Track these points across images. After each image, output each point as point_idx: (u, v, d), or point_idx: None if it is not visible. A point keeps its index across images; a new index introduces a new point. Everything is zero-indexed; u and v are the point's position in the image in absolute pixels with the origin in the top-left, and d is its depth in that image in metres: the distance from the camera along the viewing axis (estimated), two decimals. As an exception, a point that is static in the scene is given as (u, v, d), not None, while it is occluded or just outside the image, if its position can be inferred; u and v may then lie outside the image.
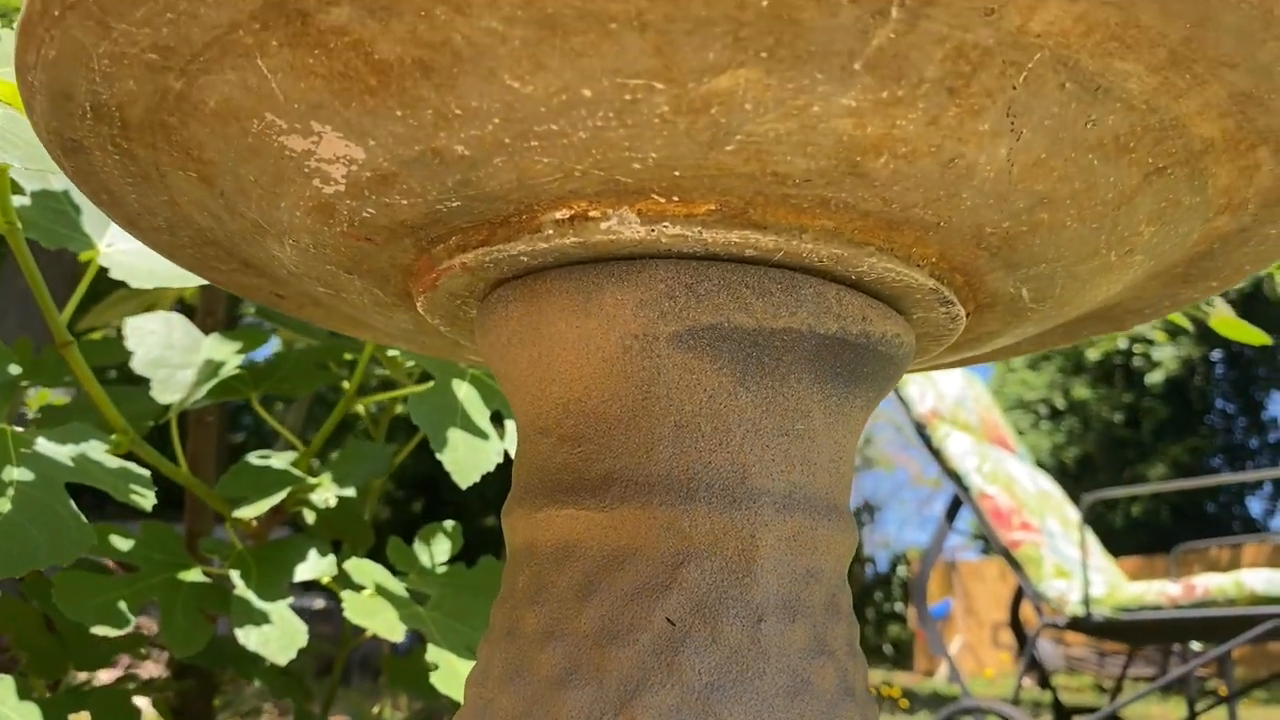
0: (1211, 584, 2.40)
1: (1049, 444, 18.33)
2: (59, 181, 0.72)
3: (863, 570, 18.58)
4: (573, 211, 0.33)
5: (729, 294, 0.33)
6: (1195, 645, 3.42)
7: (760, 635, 0.33)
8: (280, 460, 0.98)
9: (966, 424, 3.01)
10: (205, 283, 0.68)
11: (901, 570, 18.62)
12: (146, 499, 0.64)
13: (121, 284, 0.77)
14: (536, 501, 0.35)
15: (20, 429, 0.64)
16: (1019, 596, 2.89)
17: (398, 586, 0.76)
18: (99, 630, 0.68)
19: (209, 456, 1.03)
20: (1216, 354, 17.43)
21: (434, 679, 0.67)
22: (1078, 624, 2.55)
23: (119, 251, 0.71)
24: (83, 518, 0.60)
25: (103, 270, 0.72)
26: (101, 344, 0.86)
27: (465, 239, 0.35)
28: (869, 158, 0.30)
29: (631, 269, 0.34)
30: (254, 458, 0.80)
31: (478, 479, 0.73)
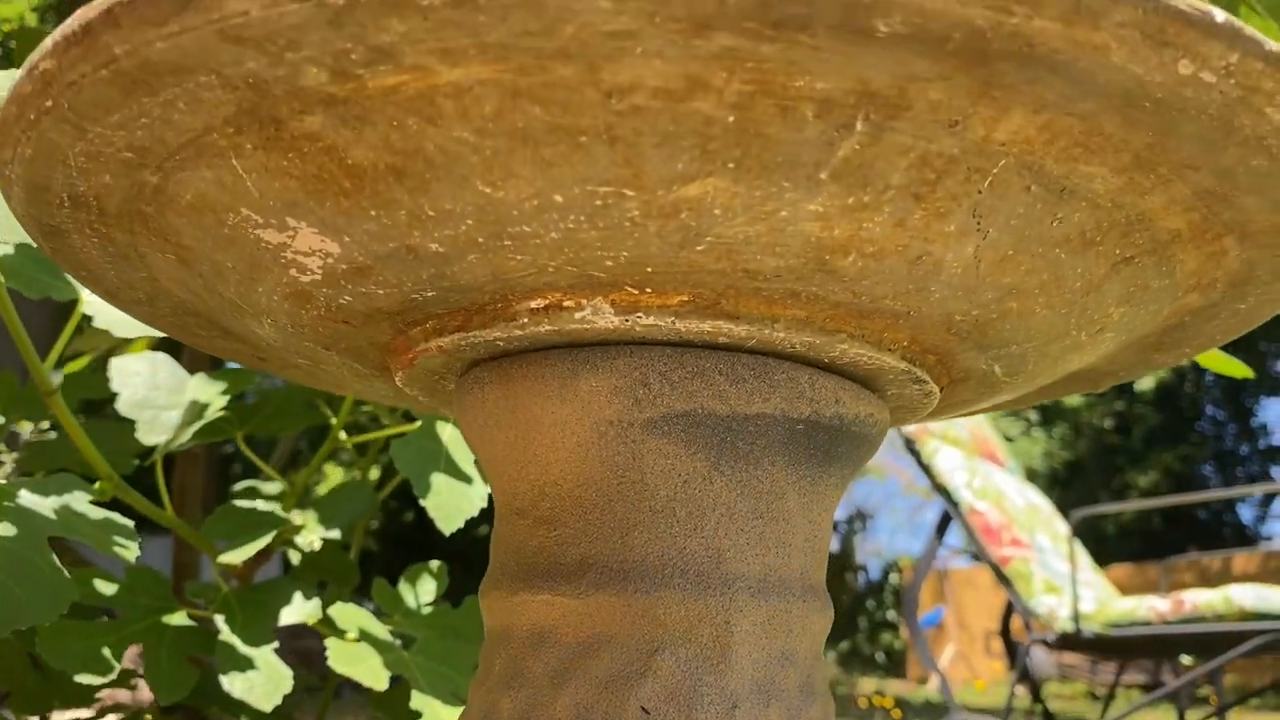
0: (1200, 600, 2.40)
1: (1040, 450, 18.36)
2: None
3: (855, 578, 18.57)
4: (547, 301, 0.33)
5: (703, 381, 0.34)
6: (1184, 658, 3.43)
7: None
8: (271, 487, 0.98)
9: (956, 439, 3.01)
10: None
11: (894, 578, 18.61)
12: (130, 551, 0.64)
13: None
14: (513, 585, 0.36)
15: (3, 481, 0.64)
16: (1010, 609, 2.89)
17: (382, 630, 0.76)
18: (83, 678, 0.68)
19: (196, 487, 1.02)
20: (1206, 360, 17.43)
21: (419, 728, 0.67)
22: (1068, 640, 2.56)
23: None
24: (64, 572, 0.60)
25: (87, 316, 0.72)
26: (86, 379, 0.86)
27: (441, 324, 0.36)
28: (837, 256, 0.30)
29: (606, 355, 0.34)
30: (240, 501, 0.80)
31: (461, 524, 0.73)
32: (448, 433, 0.78)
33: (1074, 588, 2.56)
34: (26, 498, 0.63)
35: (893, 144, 0.27)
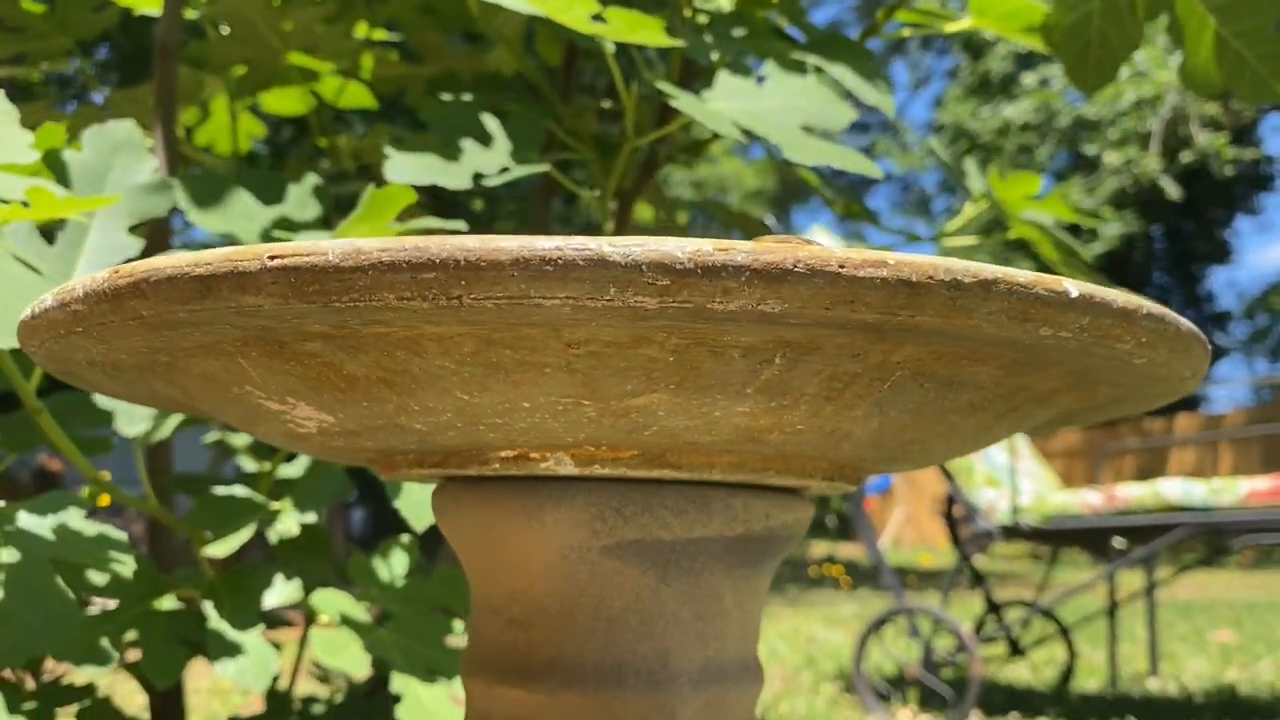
0: (1131, 494, 2.54)
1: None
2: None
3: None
4: (517, 453, 0.38)
5: (650, 515, 0.39)
6: (1117, 541, 3.62)
7: (679, 796, 0.40)
8: (247, 464, 1.03)
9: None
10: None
11: (846, 447, 19.03)
12: (126, 566, 0.69)
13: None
14: (490, 676, 0.42)
15: (2, 502, 0.68)
16: (952, 499, 3.03)
17: (360, 611, 0.82)
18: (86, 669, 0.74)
19: (167, 465, 1.07)
20: (1156, 229, 17.73)
21: (400, 711, 0.74)
22: (1006, 532, 2.69)
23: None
24: (69, 594, 0.65)
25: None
26: (75, 402, 0.88)
27: (421, 459, 0.41)
28: (763, 434, 0.36)
29: (567, 491, 0.39)
30: (219, 489, 0.86)
31: (432, 521, 0.79)
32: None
33: (1013, 481, 2.69)
34: (25, 519, 0.68)
35: (806, 369, 0.32)
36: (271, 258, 0.27)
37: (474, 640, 0.44)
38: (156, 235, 0.93)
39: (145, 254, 0.80)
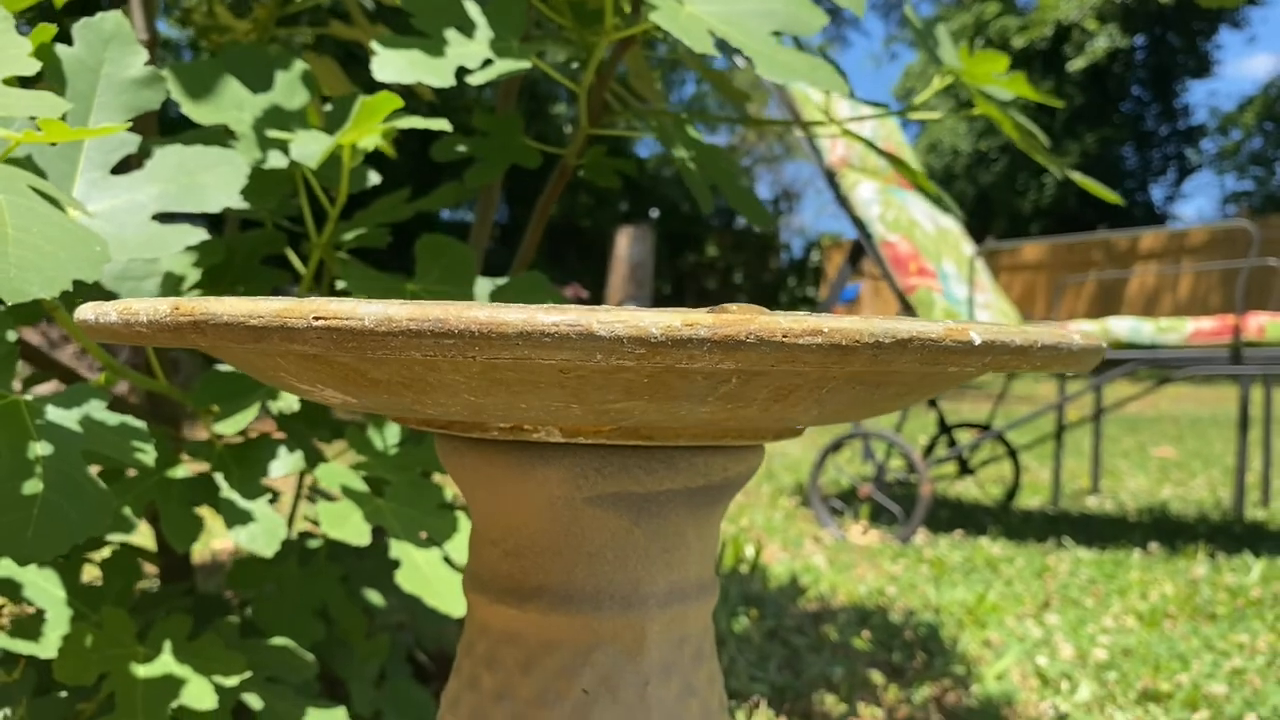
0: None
1: (965, 129, 18.44)
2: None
3: (778, 257, 19.16)
4: (513, 425, 0.45)
5: (625, 473, 0.46)
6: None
7: (646, 694, 0.48)
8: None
9: (875, 170, 3.13)
10: (185, 248, 0.77)
11: (815, 256, 19.22)
12: (148, 455, 0.76)
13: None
14: (490, 595, 0.50)
15: (30, 397, 0.74)
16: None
17: (359, 483, 0.90)
18: (112, 537, 0.82)
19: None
20: (1140, 39, 17.37)
21: (399, 577, 0.83)
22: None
23: (97, 219, 0.78)
24: (101, 484, 0.72)
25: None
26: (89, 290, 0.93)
27: (430, 423, 0.47)
28: (722, 423, 0.42)
29: (555, 454, 0.46)
30: (221, 366, 0.92)
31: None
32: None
33: (970, 315, 2.78)
34: (54, 413, 0.74)
35: (758, 384, 0.39)
36: (316, 319, 0.33)
37: (475, 563, 0.51)
38: (146, 123, 0.96)
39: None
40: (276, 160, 0.88)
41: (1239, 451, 2.88)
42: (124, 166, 0.86)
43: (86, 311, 0.41)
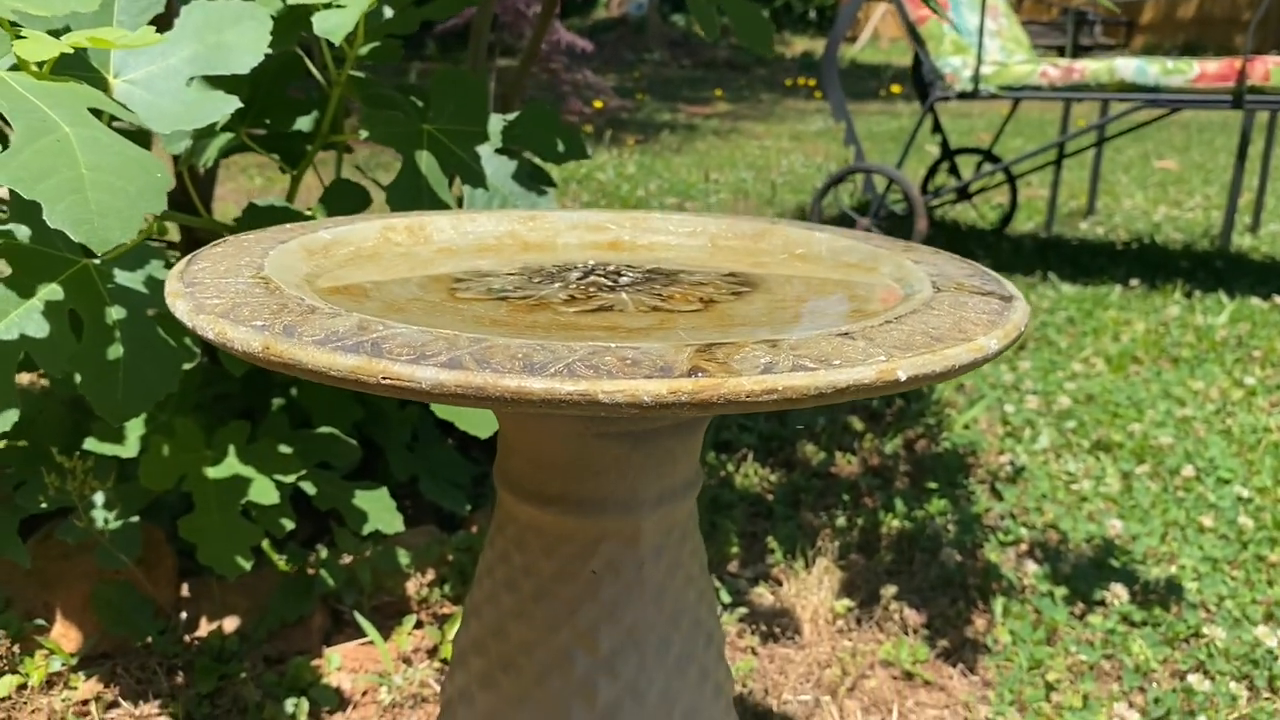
0: (1088, 70, 2.64)
1: None
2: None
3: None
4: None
5: (628, 419, 0.57)
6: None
7: (642, 572, 0.61)
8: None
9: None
10: (221, 119, 0.84)
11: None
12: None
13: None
14: (518, 495, 0.62)
15: (97, 261, 0.83)
16: (919, 61, 3.10)
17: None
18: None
19: (210, 180, 1.19)
20: None
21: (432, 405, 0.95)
22: (965, 96, 2.82)
23: (135, 85, 0.83)
24: (172, 341, 0.82)
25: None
26: None
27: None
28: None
29: (572, 410, 0.57)
30: (257, 200, 1.00)
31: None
32: (424, 161, 0.95)
33: (979, 48, 2.76)
34: (121, 276, 0.84)
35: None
36: (384, 379, 0.43)
37: (504, 464, 0.63)
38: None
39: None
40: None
41: (1233, 181, 2.94)
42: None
43: (181, 316, 0.50)
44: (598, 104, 6.12)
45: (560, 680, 0.63)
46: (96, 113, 0.71)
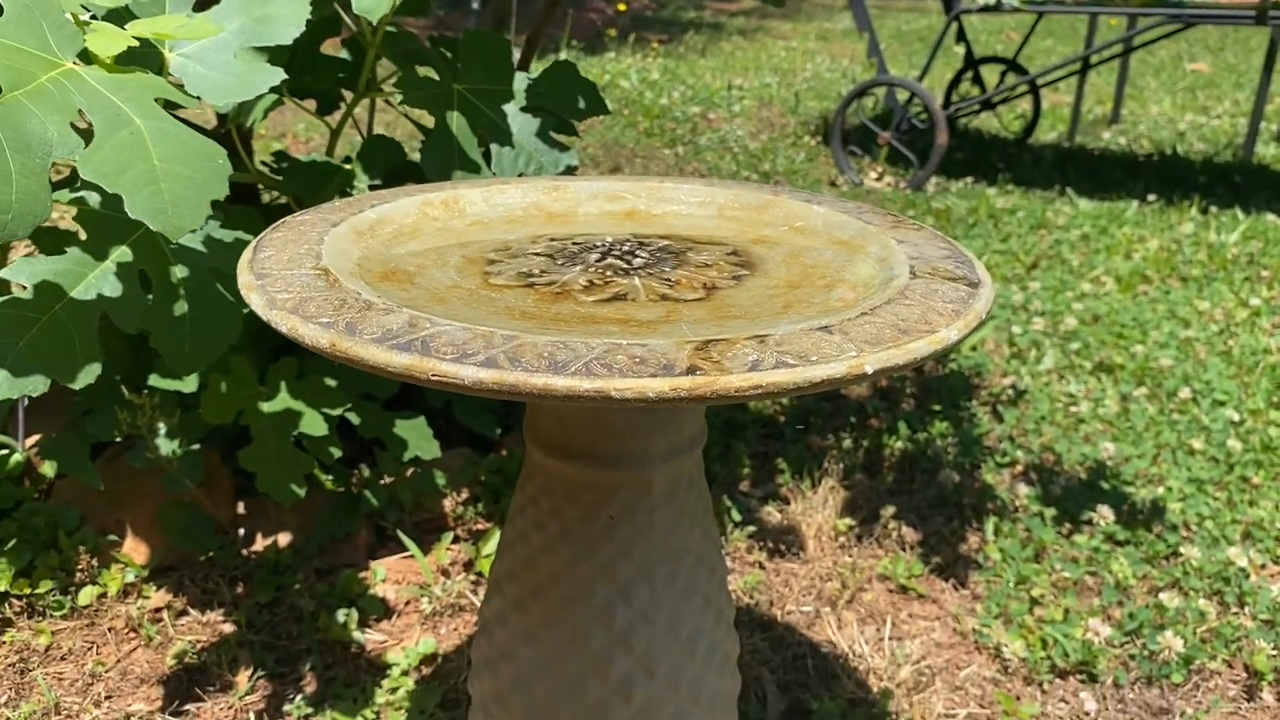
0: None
1: None
2: None
3: None
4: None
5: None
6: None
7: (653, 518, 0.71)
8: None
9: None
10: (270, 87, 0.91)
11: None
12: (262, 267, 0.94)
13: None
14: (545, 450, 0.70)
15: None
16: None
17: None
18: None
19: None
20: None
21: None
22: (989, 10, 2.82)
23: (189, 59, 0.90)
24: (229, 297, 0.91)
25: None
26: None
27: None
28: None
29: (589, 403, 0.65)
30: (298, 156, 1.07)
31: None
32: (455, 122, 1.02)
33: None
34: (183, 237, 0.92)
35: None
36: (433, 376, 0.51)
37: (532, 421, 0.72)
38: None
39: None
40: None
41: (1260, 90, 2.93)
42: (202, 4, 0.97)
43: (259, 308, 0.58)
44: (621, 6, 6.06)
45: (582, 606, 0.72)
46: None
